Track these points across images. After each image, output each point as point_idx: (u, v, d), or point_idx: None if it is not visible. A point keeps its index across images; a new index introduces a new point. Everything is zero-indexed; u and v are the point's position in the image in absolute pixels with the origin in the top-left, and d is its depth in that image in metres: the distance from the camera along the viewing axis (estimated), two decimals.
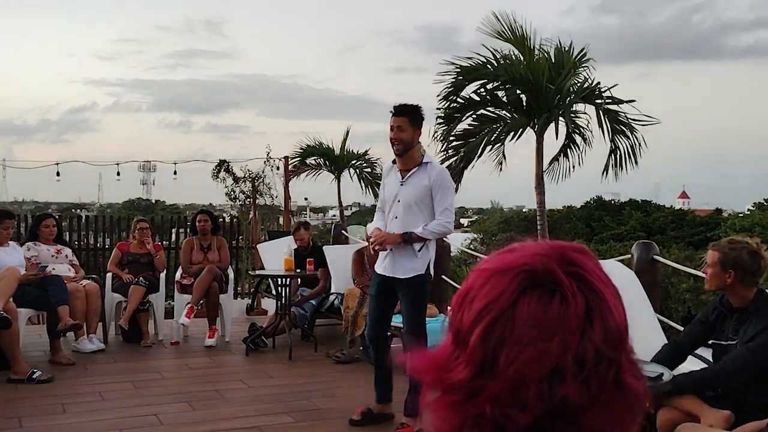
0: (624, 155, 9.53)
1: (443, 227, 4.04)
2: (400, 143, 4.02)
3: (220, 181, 10.10)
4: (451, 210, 4.06)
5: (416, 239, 4.01)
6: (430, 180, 4.01)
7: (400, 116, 4.02)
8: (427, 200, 4.02)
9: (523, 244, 0.76)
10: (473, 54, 9.37)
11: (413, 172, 4.07)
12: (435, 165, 4.13)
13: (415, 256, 4.05)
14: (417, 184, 4.04)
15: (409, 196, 4.04)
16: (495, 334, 0.69)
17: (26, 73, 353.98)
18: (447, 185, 4.06)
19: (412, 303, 4.11)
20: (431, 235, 4.04)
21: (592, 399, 0.67)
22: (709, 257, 3.17)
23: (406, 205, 4.04)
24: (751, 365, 2.98)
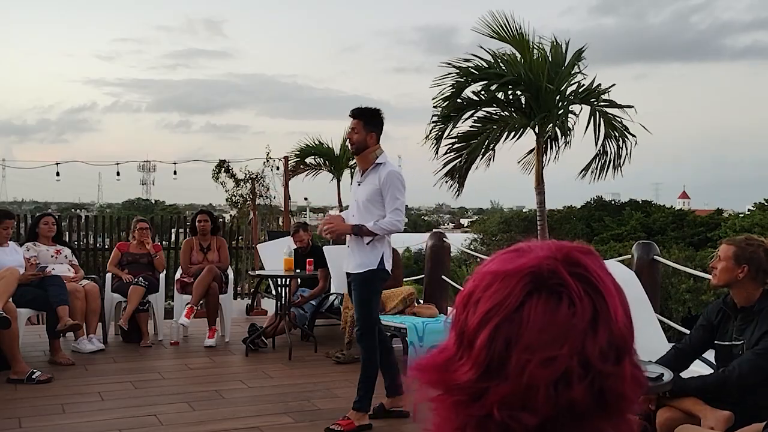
0: (612, 160, 9.51)
1: (393, 225, 4.20)
2: (353, 143, 4.29)
3: (221, 184, 10.12)
4: (401, 209, 4.23)
5: (366, 232, 4.19)
6: (380, 181, 4.20)
7: (354, 118, 4.29)
8: (379, 200, 4.21)
9: (528, 245, 0.76)
10: (471, 56, 9.35)
11: (368, 172, 4.29)
12: (387, 166, 4.27)
13: (367, 250, 4.21)
14: (369, 185, 4.25)
15: (363, 195, 4.26)
16: (501, 336, 0.69)
17: (25, 73, 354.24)
18: (395, 186, 4.21)
19: (359, 298, 4.27)
20: (380, 231, 4.19)
21: (596, 400, 0.67)
22: (723, 251, 3.14)
23: (361, 204, 4.27)
24: (758, 369, 2.97)
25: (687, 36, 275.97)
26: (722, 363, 3.15)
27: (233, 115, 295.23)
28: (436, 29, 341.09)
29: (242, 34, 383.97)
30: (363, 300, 4.28)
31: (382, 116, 4.37)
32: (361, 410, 4.27)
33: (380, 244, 4.26)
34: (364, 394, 4.29)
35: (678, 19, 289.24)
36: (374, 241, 4.22)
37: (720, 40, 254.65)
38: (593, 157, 9.59)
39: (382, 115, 4.37)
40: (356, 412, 4.26)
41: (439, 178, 10.05)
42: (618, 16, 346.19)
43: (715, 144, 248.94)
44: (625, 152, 9.38)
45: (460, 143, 9.84)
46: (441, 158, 9.91)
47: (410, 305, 6.27)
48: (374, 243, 4.22)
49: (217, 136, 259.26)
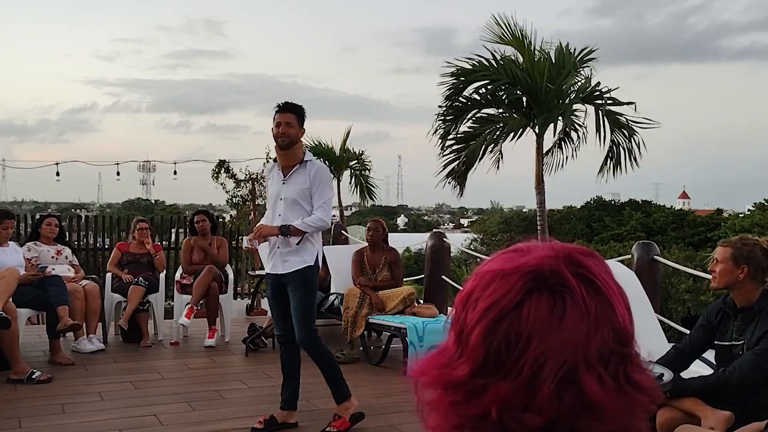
0: (623, 156, 9.52)
1: (320, 221, 4.13)
2: (287, 137, 4.13)
3: (221, 185, 10.13)
4: (328, 205, 4.19)
5: (294, 232, 4.09)
6: (310, 177, 4.13)
7: (288, 113, 4.15)
8: (308, 197, 4.14)
9: (529, 245, 0.76)
10: (473, 55, 9.37)
11: (295, 170, 4.18)
12: (315, 162, 4.25)
13: (301, 248, 4.12)
14: (298, 182, 4.16)
15: (291, 193, 4.15)
16: (500, 333, 0.69)
17: (26, 73, 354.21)
18: (325, 181, 4.18)
19: (301, 296, 4.12)
20: (308, 228, 4.10)
21: (599, 400, 0.67)
22: (719, 253, 3.13)
23: (289, 203, 4.16)
24: (758, 370, 2.96)
25: (685, 37, 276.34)
26: (722, 363, 3.15)
27: (233, 115, 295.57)
28: (434, 30, 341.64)
29: (242, 35, 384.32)
30: (307, 299, 4.17)
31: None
32: (344, 400, 4.24)
33: (312, 242, 4.18)
34: (338, 384, 4.25)
35: (676, 21, 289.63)
36: (304, 240, 4.13)
37: (718, 41, 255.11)
38: (605, 156, 9.61)
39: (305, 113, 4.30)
40: (341, 405, 4.25)
41: (441, 180, 10.06)
42: (615, 18, 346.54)
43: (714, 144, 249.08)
44: (635, 146, 9.41)
45: (458, 144, 9.84)
46: (441, 159, 9.93)
47: (410, 305, 6.27)
48: (305, 242, 4.13)
49: (217, 136, 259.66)
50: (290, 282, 4.15)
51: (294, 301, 4.15)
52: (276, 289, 4.24)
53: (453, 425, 0.71)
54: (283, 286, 4.20)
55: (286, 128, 4.13)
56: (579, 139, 9.62)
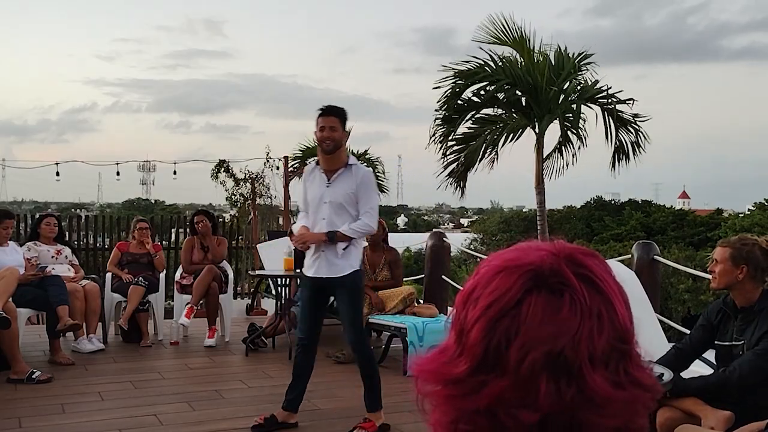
0: (629, 150, 9.59)
1: (367, 227, 4.13)
2: (332, 141, 4.10)
3: (220, 183, 10.12)
4: (375, 210, 4.17)
5: (341, 238, 4.08)
6: (356, 181, 4.12)
7: (332, 116, 4.12)
8: (354, 201, 4.13)
9: (530, 244, 0.76)
10: (471, 57, 9.35)
11: (339, 173, 4.15)
12: (360, 167, 4.22)
13: (343, 255, 4.12)
14: (343, 186, 4.13)
15: (337, 197, 4.12)
16: (499, 330, 0.69)
17: (26, 73, 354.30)
18: (372, 186, 4.19)
19: (350, 300, 4.16)
20: (355, 234, 4.11)
21: (600, 396, 0.67)
22: (718, 254, 3.13)
23: (334, 207, 4.12)
24: (758, 370, 2.96)
25: (684, 37, 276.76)
26: (722, 363, 3.15)
27: (233, 116, 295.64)
28: (434, 31, 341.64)
29: (242, 35, 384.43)
30: (356, 302, 4.20)
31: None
32: (377, 408, 4.27)
33: (357, 246, 4.20)
34: (376, 392, 4.27)
35: (675, 21, 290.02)
36: (349, 245, 4.13)
37: (717, 41, 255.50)
38: (614, 153, 9.65)
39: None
40: (376, 413, 4.25)
41: (442, 181, 10.07)
42: (614, 18, 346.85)
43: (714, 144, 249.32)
44: (642, 138, 9.46)
45: (458, 145, 9.85)
46: (442, 161, 9.94)
47: (410, 305, 6.27)
48: (350, 247, 4.13)
49: (217, 136, 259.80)
50: (338, 287, 4.15)
51: (343, 306, 4.17)
52: (314, 293, 4.21)
53: (450, 420, 0.71)
54: (323, 291, 4.21)
55: (330, 132, 4.09)
56: (580, 141, 9.64)
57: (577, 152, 9.73)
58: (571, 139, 9.68)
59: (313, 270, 4.18)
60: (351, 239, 4.11)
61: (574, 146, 9.72)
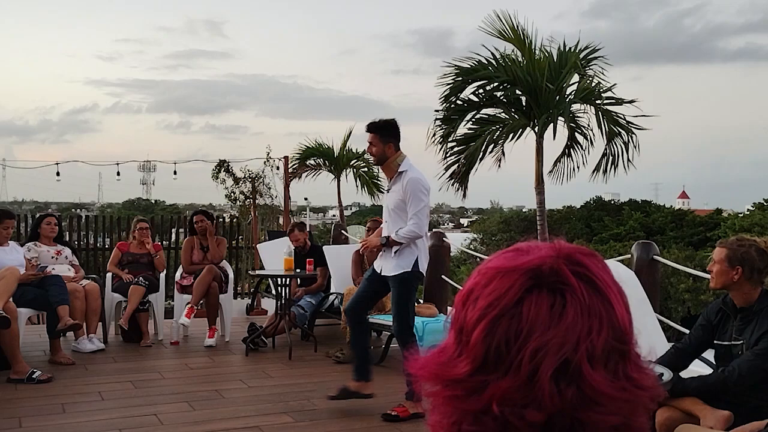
0: (617, 156, 9.53)
1: (412, 232, 4.43)
2: (373, 156, 4.57)
3: (220, 183, 10.13)
4: (421, 215, 4.43)
5: (392, 243, 4.49)
6: (403, 188, 4.44)
7: (369, 133, 4.53)
8: (404, 207, 4.47)
9: (530, 244, 0.76)
10: (472, 54, 9.37)
11: (393, 181, 4.54)
12: (408, 173, 4.48)
13: (399, 256, 4.49)
14: (396, 193, 4.50)
15: (391, 203, 4.54)
16: (500, 330, 0.69)
17: (27, 73, 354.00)
18: (417, 193, 4.43)
19: (397, 298, 4.53)
20: (402, 239, 4.45)
21: (600, 395, 0.67)
22: (716, 254, 3.14)
23: (389, 211, 4.55)
24: (757, 369, 2.97)
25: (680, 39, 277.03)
26: (722, 363, 3.16)
27: (233, 116, 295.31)
28: (431, 32, 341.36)
29: (242, 35, 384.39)
30: (400, 300, 4.52)
31: (397, 125, 4.56)
32: (414, 399, 4.41)
33: (412, 249, 4.50)
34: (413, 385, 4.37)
35: (671, 23, 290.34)
36: (402, 249, 4.47)
37: (713, 42, 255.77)
38: (601, 156, 9.61)
39: (396, 125, 4.55)
40: (411, 402, 4.44)
41: (443, 182, 10.06)
42: (610, 20, 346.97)
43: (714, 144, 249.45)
44: (633, 146, 9.41)
45: (459, 146, 9.85)
46: (442, 162, 9.94)
47: None
48: (403, 250, 4.47)
49: (216, 136, 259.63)
50: (390, 284, 4.56)
51: (393, 299, 4.58)
52: (374, 277, 4.65)
53: (452, 422, 0.71)
54: (381, 280, 4.60)
55: (369, 148, 4.56)
56: (587, 142, 9.63)
57: (585, 155, 9.73)
58: (580, 141, 9.69)
59: (378, 265, 4.67)
60: (401, 244, 4.46)
61: (583, 147, 9.72)
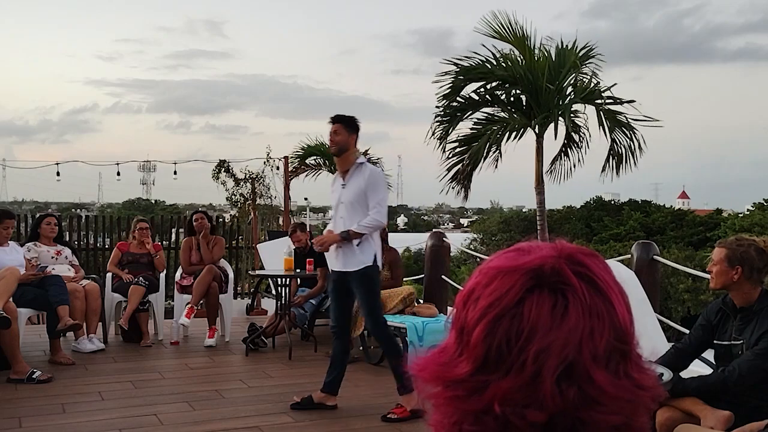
0: (623, 155, 9.52)
1: (375, 222, 4.42)
2: (335, 144, 4.50)
3: (221, 183, 10.13)
4: (382, 205, 4.44)
5: (353, 236, 4.42)
6: (365, 180, 4.43)
7: (335, 123, 4.53)
8: (364, 199, 4.44)
9: (531, 245, 0.76)
10: (472, 54, 9.36)
11: (351, 174, 4.49)
12: (368, 165, 4.54)
13: (359, 250, 4.44)
14: (355, 185, 4.46)
15: (349, 196, 4.47)
16: (501, 330, 0.69)
17: (27, 74, 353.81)
18: (379, 182, 4.47)
19: (365, 293, 4.49)
20: (365, 230, 4.42)
21: (602, 395, 0.68)
22: (716, 254, 3.14)
23: (348, 205, 4.48)
24: (757, 369, 2.97)
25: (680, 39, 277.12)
26: (722, 363, 3.16)
27: (233, 116, 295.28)
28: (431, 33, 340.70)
29: (242, 35, 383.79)
30: (369, 295, 4.50)
31: (359, 123, 4.60)
32: (407, 393, 4.41)
33: (370, 242, 4.48)
34: (402, 377, 4.41)
35: (670, 23, 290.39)
36: (363, 241, 4.43)
37: (713, 42, 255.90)
38: (607, 155, 9.60)
39: (359, 123, 4.60)
40: (404, 396, 4.43)
41: (445, 184, 10.05)
42: (610, 20, 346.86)
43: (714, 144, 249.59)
44: (636, 145, 9.39)
45: (461, 147, 9.83)
46: (444, 163, 9.92)
47: (410, 305, 6.27)
48: (363, 243, 4.44)
49: (216, 136, 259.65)
50: (353, 281, 4.48)
51: (359, 298, 4.53)
52: (338, 285, 4.56)
53: (453, 422, 0.71)
54: (345, 283, 4.52)
55: (333, 136, 4.50)
56: (583, 141, 9.61)
57: (582, 155, 9.72)
58: (576, 141, 9.67)
59: (335, 264, 4.58)
60: (363, 235, 4.42)
61: (580, 148, 9.71)
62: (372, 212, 4.40)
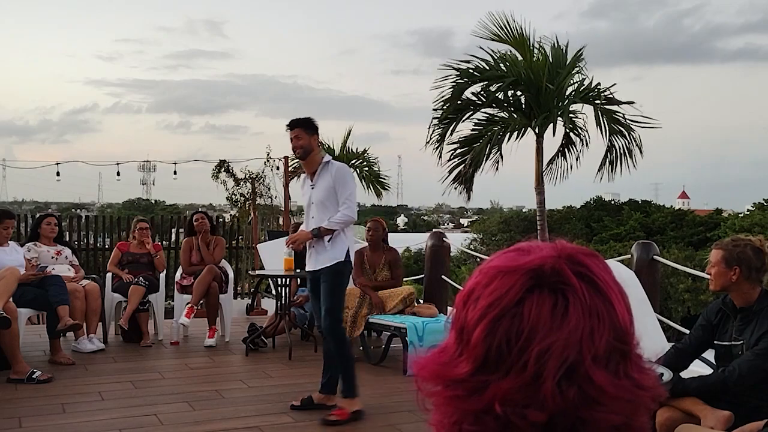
0: (620, 156, 9.51)
1: (345, 217, 4.43)
2: (301, 149, 4.52)
3: (221, 183, 10.13)
4: (351, 200, 4.46)
5: (324, 232, 4.43)
6: (332, 177, 4.45)
7: (295, 128, 4.54)
8: (334, 196, 4.46)
9: (531, 245, 0.76)
10: (471, 57, 9.34)
11: (319, 173, 4.51)
12: (334, 163, 4.56)
13: (330, 246, 4.45)
14: (323, 184, 4.48)
15: (319, 196, 4.48)
16: (501, 330, 0.69)
17: (27, 73, 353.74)
18: (345, 178, 4.48)
19: (330, 289, 4.45)
20: (336, 226, 4.42)
21: (602, 395, 0.68)
22: (713, 256, 3.15)
23: (318, 205, 4.50)
24: (757, 369, 2.97)
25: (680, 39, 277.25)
26: (722, 363, 3.16)
27: (233, 116, 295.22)
28: (431, 33, 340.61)
29: (242, 35, 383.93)
30: (334, 291, 4.45)
31: (317, 122, 4.61)
32: (350, 396, 4.45)
33: (342, 239, 4.48)
34: (348, 380, 4.47)
35: (670, 23, 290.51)
36: (334, 238, 4.44)
37: (712, 42, 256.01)
38: (604, 155, 9.59)
39: (316, 122, 4.61)
40: (348, 400, 4.44)
41: (447, 186, 10.05)
42: (610, 20, 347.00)
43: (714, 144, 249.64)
44: (635, 145, 9.38)
45: (462, 148, 9.83)
46: (445, 165, 9.91)
47: (410, 305, 6.27)
48: (335, 239, 4.45)
49: (216, 136, 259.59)
50: (324, 275, 4.46)
51: (322, 293, 4.46)
52: (314, 285, 4.57)
53: (453, 422, 0.71)
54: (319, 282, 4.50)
55: (296, 142, 4.52)
56: (582, 143, 9.62)
57: (580, 155, 9.72)
58: (574, 141, 9.67)
59: (308, 264, 4.58)
60: (334, 231, 4.42)
61: (577, 148, 9.71)
62: (342, 208, 4.41)
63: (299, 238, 4.55)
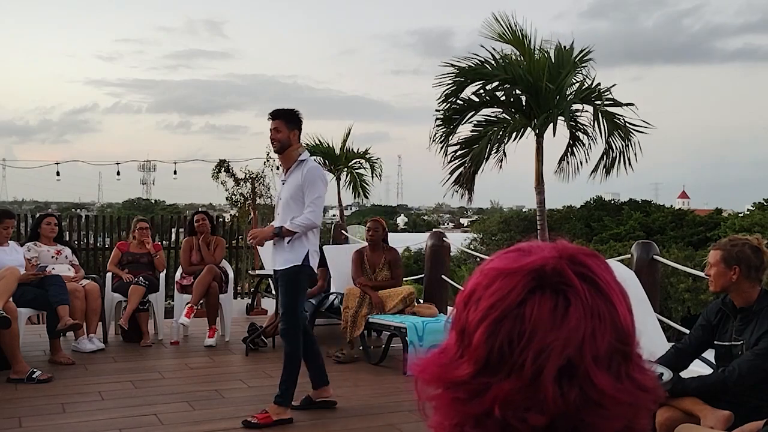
0: (617, 157, 9.51)
1: (307, 220, 4.29)
2: (277, 142, 4.37)
3: (221, 183, 10.14)
4: (317, 204, 4.31)
5: (285, 233, 4.30)
6: (302, 176, 4.31)
7: (276, 119, 4.37)
8: (300, 197, 4.31)
9: (531, 245, 0.76)
10: (472, 55, 9.37)
11: (291, 170, 4.39)
12: (308, 162, 4.40)
13: (290, 248, 4.32)
14: (293, 182, 4.35)
15: (287, 193, 4.37)
16: (502, 332, 0.69)
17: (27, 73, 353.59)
18: (316, 180, 4.33)
19: (284, 292, 4.34)
20: (297, 229, 4.28)
21: (603, 397, 0.67)
22: (711, 257, 3.15)
23: (284, 202, 4.38)
24: (757, 369, 2.97)
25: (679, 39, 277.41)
26: (722, 363, 3.16)
27: (233, 116, 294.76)
28: (430, 33, 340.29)
29: (242, 35, 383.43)
30: (288, 296, 4.32)
31: (301, 116, 4.45)
32: (283, 404, 4.32)
33: (303, 242, 4.34)
34: (286, 389, 4.34)
35: (670, 23, 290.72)
36: (294, 240, 4.31)
37: (712, 42, 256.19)
38: (600, 156, 9.60)
39: (300, 115, 4.46)
40: (277, 406, 4.31)
41: (449, 187, 10.05)
42: (609, 21, 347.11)
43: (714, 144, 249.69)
44: (632, 149, 9.39)
45: (463, 149, 9.83)
46: (446, 167, 9.91)
47: (410, 305, 6.27)
48: (295, 241, 4.31)
49: (216, 136, 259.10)
50: (279, 278, 4.38)
51: (279, 297, 4.39)
52: (276, 284, 4.55)
53: (454, 424, 0.71)
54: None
55: (274, 134, 4.36)
56: (590, 140, 9.62)
57: (589, 151, 9.73)
58: (581, 139, 9.68)
59: (272, 263, 4.51)
60: (295, 233, 4.29)
61: (585, 146, 9.71)
62: (306, 211, 4.27)
63: (259, 235, 4.48)
